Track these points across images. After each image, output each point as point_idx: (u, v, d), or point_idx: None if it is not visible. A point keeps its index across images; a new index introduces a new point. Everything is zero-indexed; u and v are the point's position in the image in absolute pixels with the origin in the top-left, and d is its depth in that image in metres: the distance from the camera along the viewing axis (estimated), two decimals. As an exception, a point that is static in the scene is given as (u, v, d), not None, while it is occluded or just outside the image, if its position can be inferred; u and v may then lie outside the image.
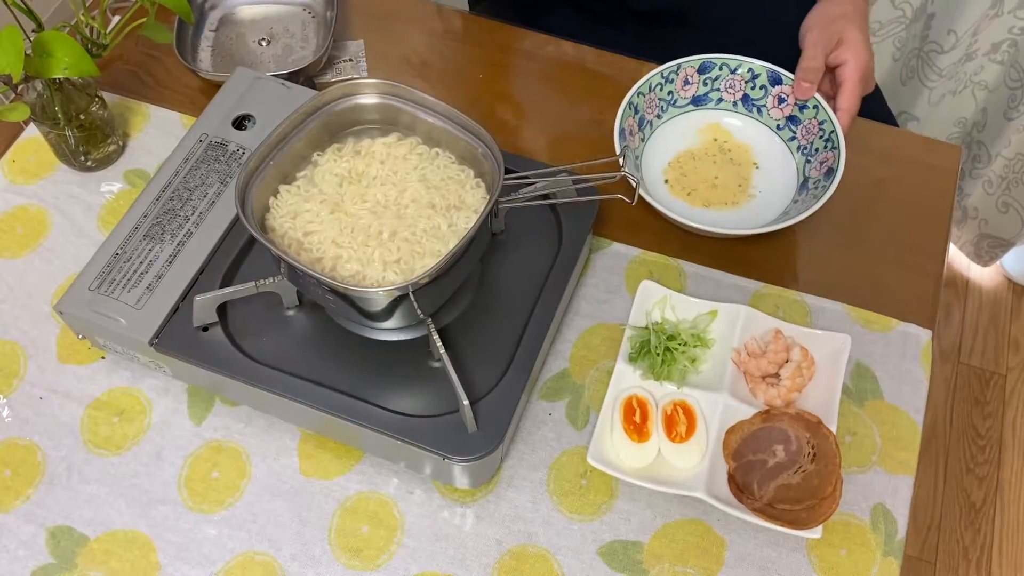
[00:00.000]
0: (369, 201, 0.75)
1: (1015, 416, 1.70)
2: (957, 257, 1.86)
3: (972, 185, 1.73)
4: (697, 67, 0.96)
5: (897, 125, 1.14)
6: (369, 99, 0.77)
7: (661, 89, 0.96)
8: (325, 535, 0.75)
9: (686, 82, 0.96)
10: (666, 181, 0.94)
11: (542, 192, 0.82)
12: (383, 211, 0.74)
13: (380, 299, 0.70)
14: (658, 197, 0.91)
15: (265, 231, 0.74)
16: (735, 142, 0.97)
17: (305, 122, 0.76)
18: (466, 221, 0.74)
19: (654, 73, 0.94)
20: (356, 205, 0.74)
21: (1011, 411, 1.70)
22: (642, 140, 0.96)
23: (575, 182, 0.82)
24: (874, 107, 1.08)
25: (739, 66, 0.96)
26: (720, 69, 0.96)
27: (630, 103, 0.92)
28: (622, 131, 0.91)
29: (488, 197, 0.74)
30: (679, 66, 0.95)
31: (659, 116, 0.97)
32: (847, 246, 0.90)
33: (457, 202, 0.75)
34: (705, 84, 0.97)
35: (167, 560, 0.74)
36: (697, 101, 0.98)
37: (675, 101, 0.97)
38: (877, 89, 1.14)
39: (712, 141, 0.97)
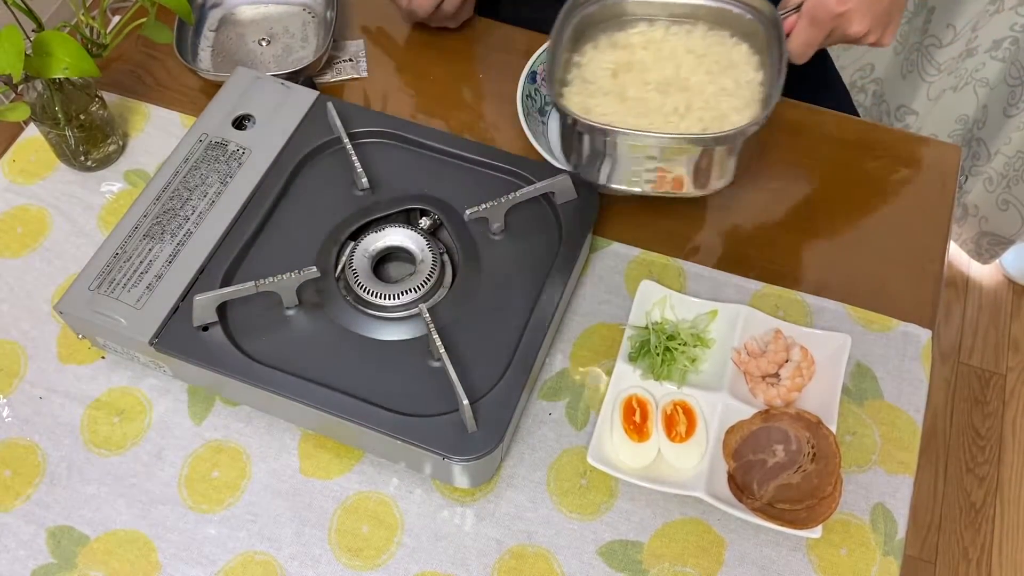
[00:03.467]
0: (651, 83, 0.78)
1: (1015, 416, 1.70)
2: (957, 255, 1.86)
3: (972, 182, 1.73)
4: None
5: (852, 104, 1.14)
6: None
7: None
8: (325, 535, 0.75)
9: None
10: None
11: (543, 192, 0.82)
12: (668, 88, 0.77)
13: (735, 139, 0.74)
14: (560, 147, 0.93)
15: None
16: None
17: (563, 29, 0.78)
18: (745, 75, 0.78)
19: None
20: (640, 90, 0.77)
21: (1011, 411, 1.70)
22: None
23: (575, 182, 0.82)
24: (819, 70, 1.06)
25: None
26: None
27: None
28: (533, 73, 0.94)
29: (754, 51, 0.81)
30: None
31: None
32: (847, 246, 0.90)
33: (728, 62, 0.78)
34: None
35: (167, 560, 0.74)
36: None
37: None
38: (826, 55, 1.15)
39: None
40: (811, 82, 0.97)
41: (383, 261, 0.83)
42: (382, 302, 0.78)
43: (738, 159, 0.78)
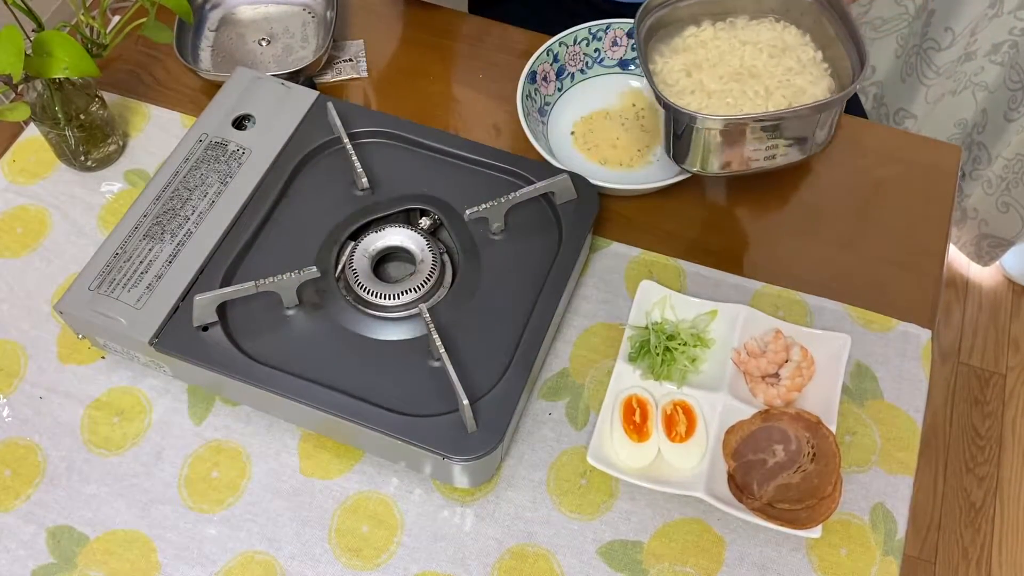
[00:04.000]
0: (723, 76, 0.83)
1: (1015, 416, 1.70)
2: (957, 257, 1.86)
3: (972, 186, 1.73)
4: (627, 30, 0.99)
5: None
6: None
7: (587, 45, 0.99)
8: (325, 535, 0.75)
9: (615, 43, 0.99)
10: (572, 133, 0.97)
11: (543, 191, 0.82)
12: (740, 77, 0.83)
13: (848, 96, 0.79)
14: (559, 147, 0.96)
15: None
16: (652, 111, 0.99)
17: (640, 44, 0.85)
18: (805, 54, 0.85)
19: (581, 27, 0.98)
20: (718, 84, 0.82)
21: (1011, 411, 1.70)
22: (559, 90, 0.99)
23: (575, 181, 0.82)
24: None
25: None
26: None
27: (549, 50, 0.96)
28: (533, 73, 0.95)
29: (803, 30, 0.87)
30: (608, 25, 0.98)
31: (583, 71, 1.00)
32: (847, 246, 0.91)
33: (783, 45, 0.84)
34: (633, 49, 0.99)
35: (167, 560, 0.74)
36: (624, 64, 1.01)
37: (602, 60, 1.00)
38: None
39: (631, 106, 0.99)
40: None
41: (383, 261, 0.83)
42: (382, 302, 0.78)
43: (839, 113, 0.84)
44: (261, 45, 1.03)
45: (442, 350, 0.73)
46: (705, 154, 0.84)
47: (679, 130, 0.83)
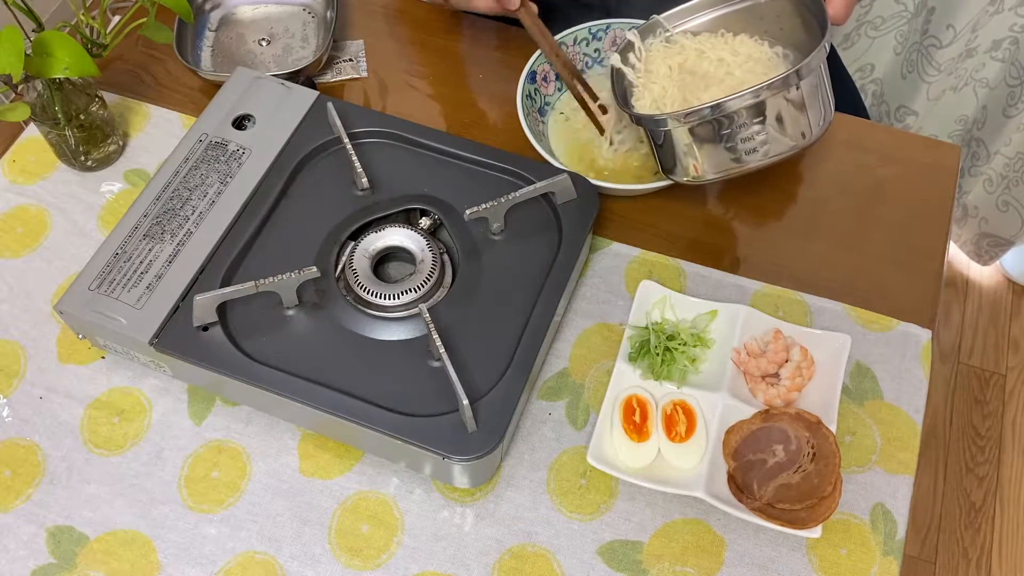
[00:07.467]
0: (701, 83, 0.84)
1: (1015, 416, 1.70)
2: (957, 256, 1.86)
3: (971, 182, 1.73)
4: (628, 30, 0.98)
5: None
6: None
7: (587, 45, 0.98)
8: (325, 535, 0.75)
9: (615, 43, 0.99)
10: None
11: (543, 191, 0.82)
12: (716, 85, 0.84)
13: (816, 61, 0.76)
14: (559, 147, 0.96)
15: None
16: None
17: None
18: (776, 59, 0.85)
19: (581, 27, 0.97)
20: (696, 94, 0.84)
21: (1011, 411, 1.70)
22: (559, 90, 0.98)
23: (575, 181, 0.82)
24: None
25: None
26: None
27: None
28: (533, 73, 0.94)
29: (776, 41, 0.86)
30: (608, 25, 0.98)
31: (583, 71, 1.00)
32: (847, 246, 0.91)
33: (746, 56, 0.84)
34: None
35: (167, 560, 0.74)
36: None
37: (602, 60, 1.00)
38: (835, 54, 1.19)
39: None
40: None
41: (383, 261, 0.83)
42: (382, 302, 0.78)
43: (825, 89, 0.81)
44: (261, 45, 1.03)
45: (442, 350, 0.73)
46: (687, 159, 0.82)
47: (658, 140, 0.83)
